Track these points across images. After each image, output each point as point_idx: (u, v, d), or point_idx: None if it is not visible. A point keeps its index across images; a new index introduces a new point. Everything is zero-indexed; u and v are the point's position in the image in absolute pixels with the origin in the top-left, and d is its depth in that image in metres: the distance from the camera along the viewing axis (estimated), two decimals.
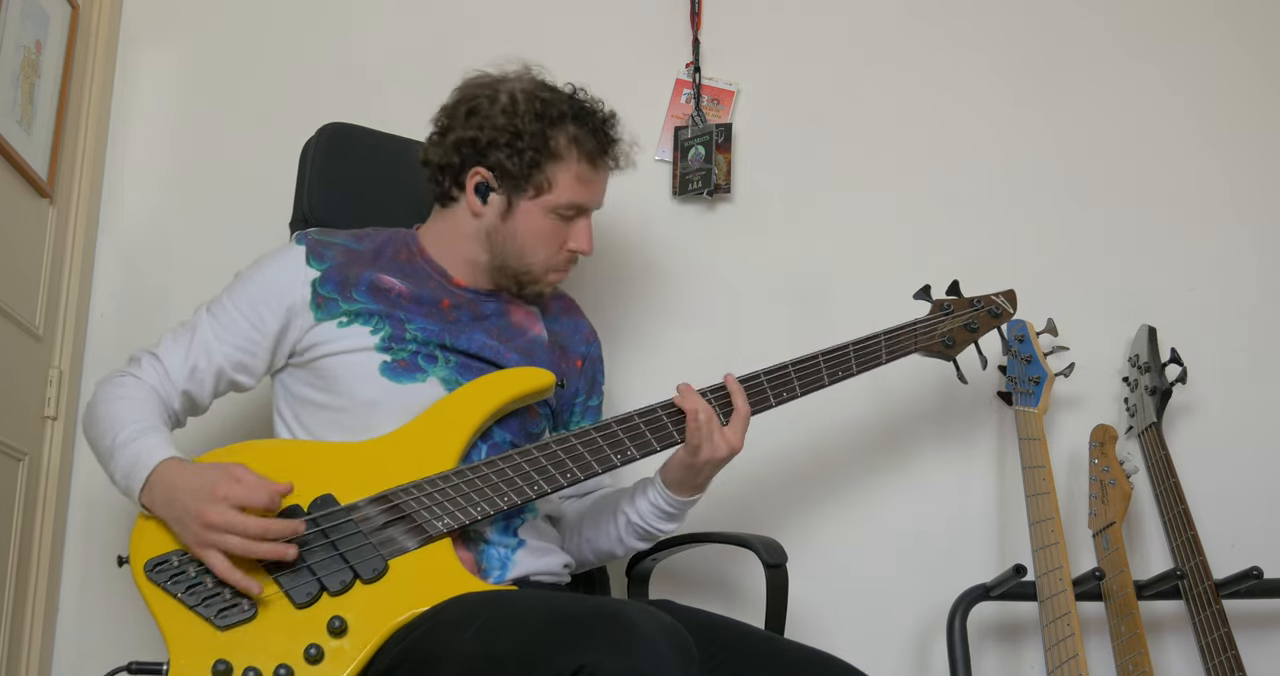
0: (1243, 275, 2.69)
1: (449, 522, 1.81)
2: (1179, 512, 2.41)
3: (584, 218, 2.07)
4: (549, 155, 2.00)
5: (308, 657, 1.66)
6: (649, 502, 2.02)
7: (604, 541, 2.08)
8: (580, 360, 2.19)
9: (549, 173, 2.01)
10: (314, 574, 1.73)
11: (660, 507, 2.02)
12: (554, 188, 2.01)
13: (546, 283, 2.09)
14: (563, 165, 2.01)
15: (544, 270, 2.07)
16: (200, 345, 1.97)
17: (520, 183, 2.00)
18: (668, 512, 2.03)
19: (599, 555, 2.10)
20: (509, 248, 2.03)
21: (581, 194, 2.04)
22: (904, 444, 2.60)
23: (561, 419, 2.16)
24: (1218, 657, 2.24)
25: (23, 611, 2.32)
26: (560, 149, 2.01)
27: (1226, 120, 2.77)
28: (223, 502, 1.69)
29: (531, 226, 2.03)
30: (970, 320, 2.25)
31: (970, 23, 2.78)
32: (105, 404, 1.89)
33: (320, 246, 2.03)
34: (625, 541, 2.06)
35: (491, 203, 2.02)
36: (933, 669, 2.49)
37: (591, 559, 2.12)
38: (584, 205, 2.06)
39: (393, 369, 1.96)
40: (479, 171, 2.02)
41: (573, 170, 2.02)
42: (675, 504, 2.01)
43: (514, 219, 2.02)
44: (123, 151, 2.63)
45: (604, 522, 2.07)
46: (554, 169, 2.01)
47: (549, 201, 2.02)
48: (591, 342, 2.23)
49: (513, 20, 2.70)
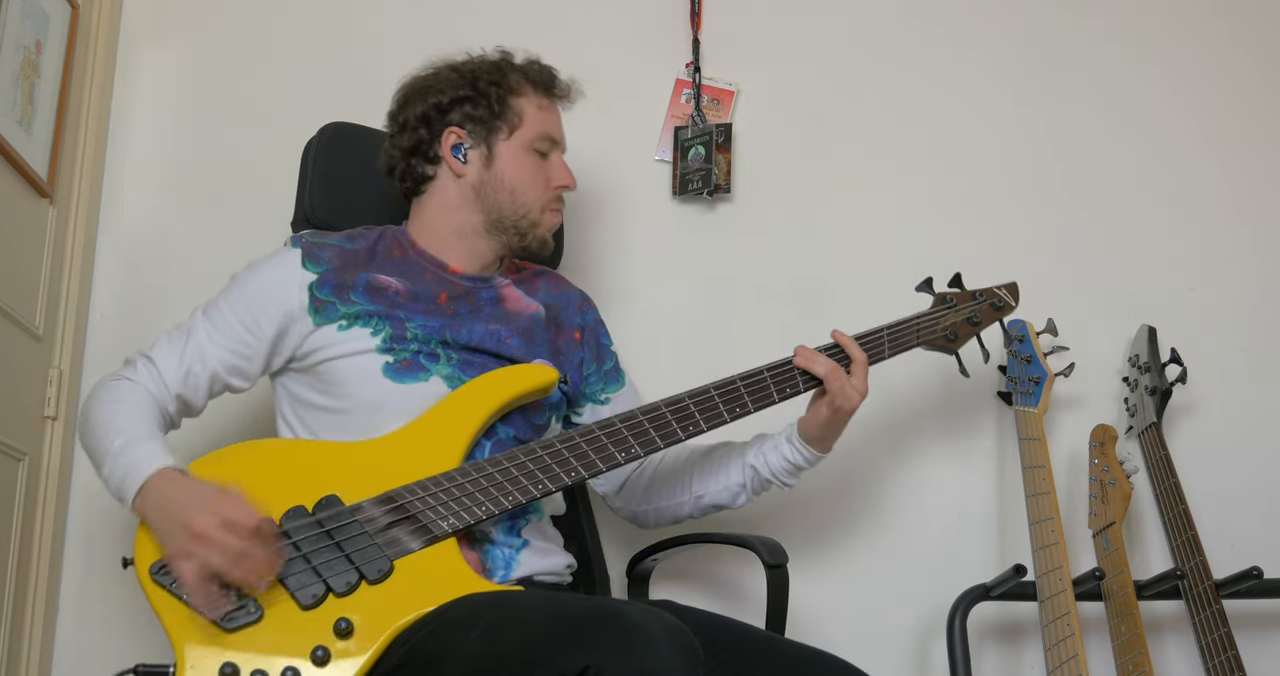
0: (1243, 275, 2.70)
1: (454, 522, 1.81)
2: (1179, 512, 2.42)
3: (557, 153, 2.14)
4: (509, 90, 2.09)
5: (314, 659, 1.66)
6: (783, 457, 2.11)
7: (719, 495, 2.15)
8: (578, 332, 2.19)
9: (515, 107, 2.09)
10: (319, 575, 1.73)
11: (795, 463, 2.10)
12: (524, 120, 2.09)
13: (546, 225, 2.12)
14: (524, 97, 2.10)
15: (540, 209, 2.10)
16: (195, 349, 1.96)
17: (493, 123, 2.08)
18: (799, 468, 2.11)
19: (701, 508, 2.18)
20: (500, 196, 2.07)
21: (548, 123, 2.12)
22: (904, 444, 2.61)
23: (585, 394, 2.18)
24: (1218, 657, 2.24)
25: (23, 612, 2.31)
26: (516, 83, 2.10)
27: (1226, 120, 2.77)
28: (213, 516, 1.68)
29: (515, 166, 2.08)
30: (973, 313, 2.25)
31: (970, 23, 2.79)
32: (100, 408, 1.89)
33: (316, 248, 2.03)
34: (742, 495, 2.15)
35: (471, 159, 2.08)
36: (933, 669, 2.50)
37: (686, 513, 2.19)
38: (553, 135, 2.12)
39: (395, 369, 1.95)
40: (452, 131, 2.08)
41: (534, 100, 2.11)
42: (811, 459, 2.10)
43: (497, 164, 2.08)
44: (123, 151, 2.63)
45: (722, 476, 2.15)
46: (518, 102, 2.09)
47: (523, 136, 2.09)
48: (586, 310, 2.24)
49: (513, 19, 2.70)
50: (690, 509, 2.19)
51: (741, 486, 2.14)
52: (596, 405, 2.19)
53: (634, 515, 2.24)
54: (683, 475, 2.18)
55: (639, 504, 2.22)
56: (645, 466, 2.21)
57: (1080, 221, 2.71)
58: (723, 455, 2.16)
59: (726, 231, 2.68)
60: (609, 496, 2.24)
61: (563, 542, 2.09)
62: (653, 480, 2.20)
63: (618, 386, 2.22)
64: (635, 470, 2.21)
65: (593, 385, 2.19)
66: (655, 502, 2.20)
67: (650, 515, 2.22)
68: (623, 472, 2.19)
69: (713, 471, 2.16)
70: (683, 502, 2.18)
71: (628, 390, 2.23)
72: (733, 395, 2.03)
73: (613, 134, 2.62)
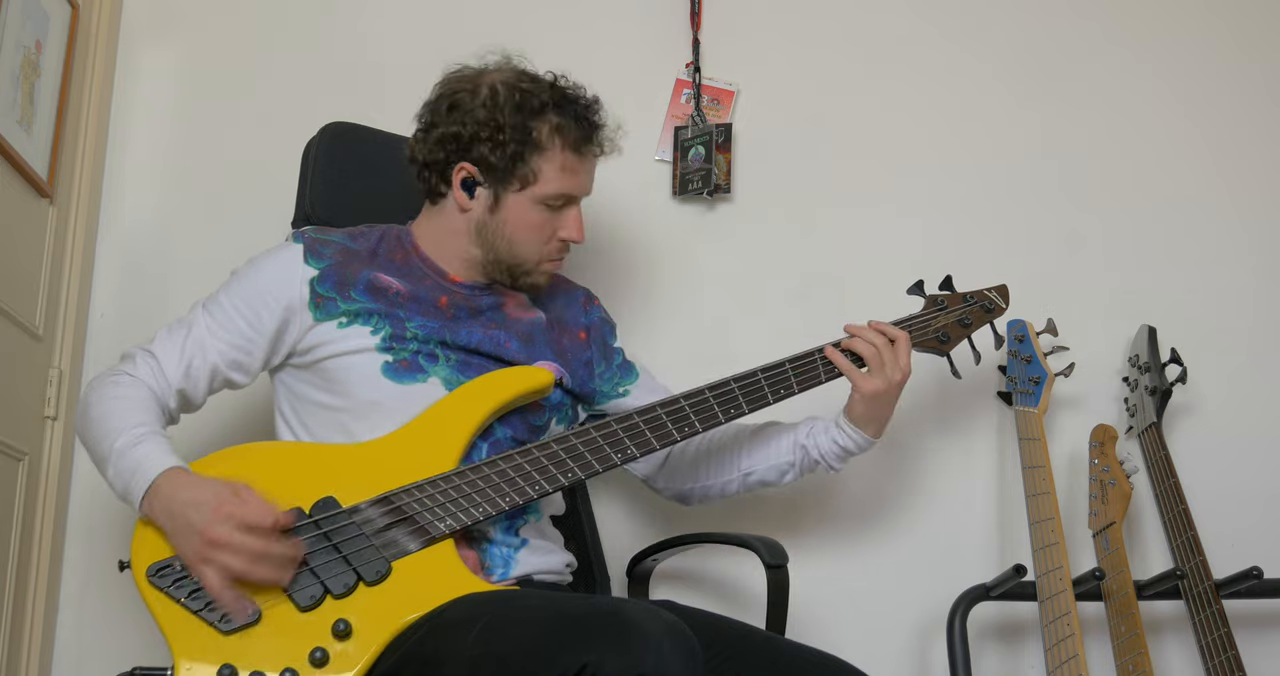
0: (1243, 275, 2.69)
1: (451, 524, 1.81)
2: (1179, 512, 2.42)
3: (573, 206, 2.06)
4: (532, 146, 1.99)
5: (313, 661, 1.66)
6: (832, 440, 2.13)
7: (768, 472, 2.17)
8: (583, 331, 2.18)
9: (533, 164, 2.00)
10: (317, 577, 1.73)
11: (845, 447, 2.13)
12: (539, 179, 2.01)
13: (540, 273, 2.08)
14: (547, 155, 2.00)
15: (537, 261, 2.06)
16: (195, 342, 1.96)
17: (505, 176, 2.00)
18: (848, 451, 2.13)
19: (748, 486, 2.20)
20: (499, 241, 2.03)
21: (568, 183, 2.03)
22: (904, 444, 2.60)
23: (599, 392, 2.17)
24: (1218, 657, 2.24)
25: (23, 612, 2.32)
26: (543, 139, 2.00)
27: (1225, 121, 2.76)
28: (228, 520, 1.68)
29: (520, 219, 2.02)
30: (964, 315, 2.26)
31: (970, 23, 2.78)
32: (100, 404, 1.88)
33: (318, 244, 2.03)
34: (790, 473, 2.17)
35: (478, 197, 2.02)
36: (933, 669, 2.50)
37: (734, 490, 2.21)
38: (571, 194, 2.05)
39: (394, 369, 1.95)
40: (464, 167, 2.01)
41: (557, 160, 2.01)
42: (862, 443, 2.13)
43: (502, 212, 2.02)
44: (123, 151, 2.63)
45: (773, 454, 2.16)
46: (538, 160, 2.00)
47: (535, 193, 2.01)
48: (590, 309, 2.23)
49: (513, 19, 2.69)
50: (738, 486, 2.20)
51: (791, 464, 2.16)
52: (618, 399, 2.19)
53: (679, 494, 2.24)
54: (730, 453, 2.19)
55: (684, 482, 2.22)
56: (689, 444, 2.21)
57: (1080, 221, 2.71)
58: (773, 433, 2.18)
59: (726, 231, 2.67)
60: (650, 477, 2.23)
61: (563, 542, 2.09)
62: (698, 457, 2.21)
63: (632, 379, 2.21)
64: (678, 448, 2.20)
65: (607, 382, 2.18)
66: (703, 480, 2.21)
67: (697, 492, 2.23)
68: (660, 454, 2.16)
69: (762, 449, 2.17)
70: (730, 480, 2.19)
71: (645, 380, 2.22)
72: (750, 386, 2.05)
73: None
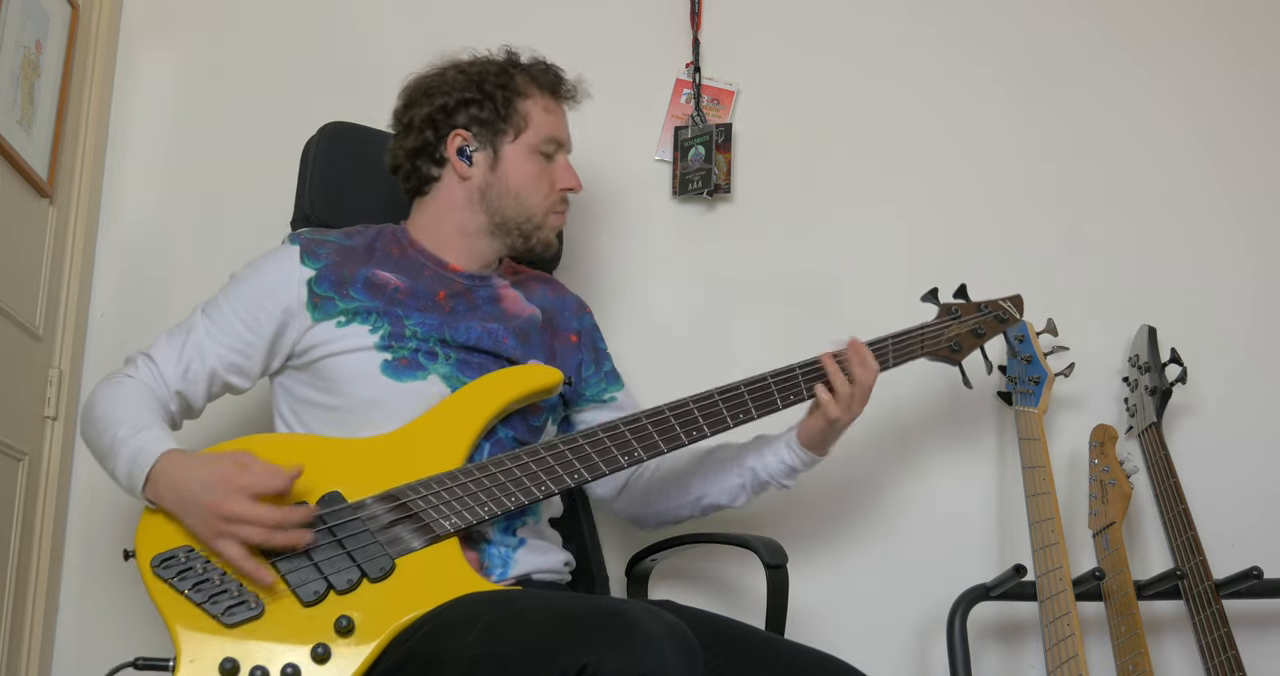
0: (1242, 275, 2.69)
1: (456, 522, 1.81)
2: (1179, 512, 2.42)
3: (562, 155, 2.14)
4: (515, 93, 2.09)
5: (314, 656, 1.66)
6: (780, 460, 2.11)
7: (719, 496, 2.15)
8: (574, 335, 2.19)
9: (521, 109, 2.08)
10: (321, 572, 1.73)
11: (792, 466, 2.11)
12: (530, 123, 2.09)
13: (550, 226, 2.12)
14: (530, 100, 2.10)
15: (544, 212, 2.11)
16: (194, 346, 1.97)
17: (499, 126, 2.08)
18: (796, 470, 2.12)
19: (702, 507, 2.18)
20: (505, 198, 2.08)
21: (554, 126, 2.11)
22: (904, 444, 2.61)
23: (584, 396, 2.18)
24: (1218, 657, 2.24)
25: (23, 611, 2.31)
26: (522, 85, 2.10)
27: (1224, 121, 2.77)
28: (239, 493, 1.70)
29: (520, 169, 2.08)
30: (977, 325, 2.25)
31: (970, 24, 2.79)
32: (102, 404, 1.89)
33: (314, 245, 2.03)
34: (741, 496, 2.15)
35: (476, 161, 2.08)
36: (933, 669, 2.50)
37: (687, 513, 2.20)
38: (559, 138, 2.12)
39: (394, 367, 1.95)
40: (458, 133, 2.08)
41: (540, 103, 2.10)
42: (809, 462, 2.11)
43: (502, 167, 2.08)
44: (123, 151, 2.63)
45: (721, 478, 2.15)
46: (524, 104, 2.09)
47: (529, 140, 2.08)
48: (582, 314, 2.24)
49: (512, 19, 2.70)
50: (691, 510, 2.19)
51: (741, 487, 2.14)
52: (600, 405, 2.19)
53: (634, 517, 2.24)
54: (683, 477, 2.18)
55: (639, 506, 2.22)
56: (645, 468, 2.21)
57: (1080, 221, 2.71)
58: (722, 457, 2.16)
59: (726, 231, 2.68)
60: (608, 499, 2.24)
61: (560, 541, 2.09)
62: (652, 482, 2.20)
63: (619, 386, 2.22)
64: (635, 472, 2.21)
65: (595, 386, 2.19)
66: (656, 505, 2.20)
67: (651, 517, 2.22)
68: (622, 475, 2.19)
69: (713, 473, 2.16)
70: (683, 504, 2.18)
71: (626, 392, 2.23)
72: (736, 400, 2.03)
73: (613, 134, 2.62)
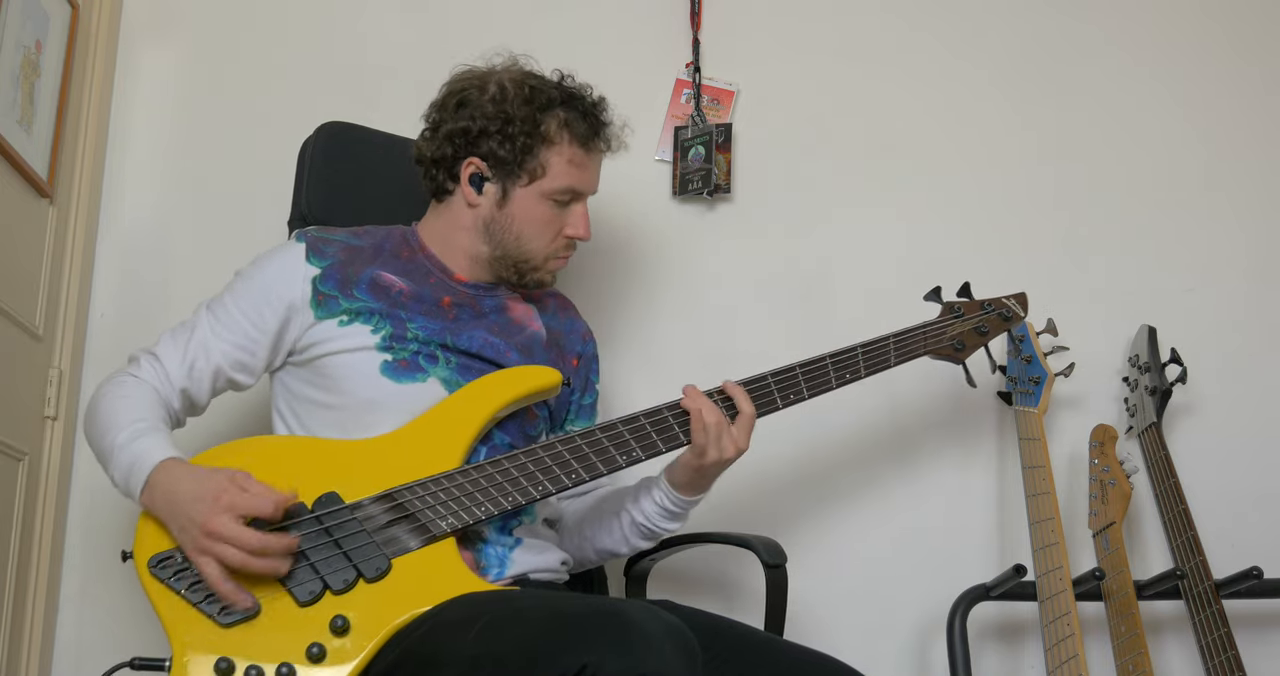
0: (1242, 275, 2.69)
1: (453, 522, 1.80)
2: (1179, 512, 2.41)
3: (580, 203, 2.08)
4: (540, 140, 2.01)
5: (310, 656, 1.66)
6: (654, 502, 2.02)
7: (607, 540, 2.08)
8: (576, 358, 2.18)
9: (542, 158, 2.02)
10: (317, 572, 1.73)
11: (665, 507, 2.02)
12: (548, 173, 2.02)
13: (547, 270, 2.09)
14: (555, 149, 2.02)
15: (544, 257, 2.07)
16: (199, 343, 1.96)
17: (514, 169, 2.01)
18: (672, 512, 2.02)
19: (601, 554, 2.10)
20: (507, 237, 2.04)
21: (575, 178, 2.04)
22: (904, 444, 2.60)
23: (558, 418, 2.15)
24: (1218, 657, 2.24)
25: (23, 611, 2.31)
26: (551, 133, 2.02)
27: (1223, 122, 2.77)
28: (228, 511, 1.68)
29: (528, 214, 2.03)
30: (981, 323, 2.24)
31: (970, 23, 2.79)
32: (104, 404, 1.89)
33: (321, 243, 2.03)
34: (629, 540, 2.06)
35: (487, 192, 2.03)
36: (933, 669, 2.49)
37: (593, 558, 2.11)
38: (578, 189, 2.06)
39: (393, 368, 1.95)
40: (472, 161, 2.03)
41: (565, 154, 2.03)
42: (680, 503, 2.01)
43: (510, 207, 2.03)
44: (123, 151, 2.63)
45: (607, 522, 2.07)
46: (546, 153, 2.02)
47: (543, 187, 2.03)
48: (587, 342, 2.23)
49: (513, 19, 2.70)
50: (590, 554, 2.11)
51: (624, 536, 2.05)
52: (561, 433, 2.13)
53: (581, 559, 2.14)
54: (575, 526, 2.13)
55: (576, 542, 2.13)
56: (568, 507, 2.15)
57: (1079, 221, 2.71)
58: (609, 503, 2.09)
59: (726, 231, 2.68)
60: None
61: (558, 541, 2.09)
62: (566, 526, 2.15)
63: (587, 424, 2.17)
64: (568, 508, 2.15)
65: (570, 412, 2.17)
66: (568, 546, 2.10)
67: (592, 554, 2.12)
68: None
69: (598, 520, 2.09)
70: (583, 547, 2.11)
71: None
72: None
73: None
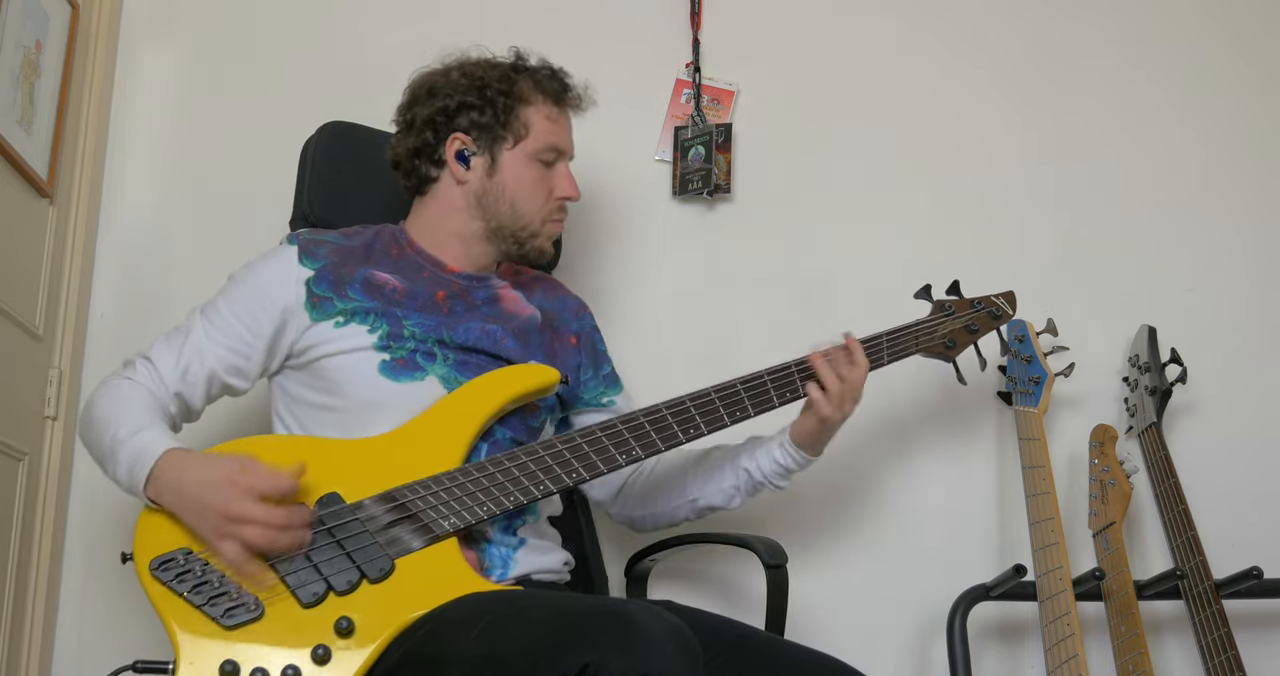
0: (1242, 275, 2.69)
1: (455, 522, 1.81)
2: (1179, 512, 2.42)
3: (563, 163, 2.12)
4: (518, 99, 2.07)
5: (315, 658, 1.66)
6: (774, 461, 2.09)
7: (714, 497, 2.14)
8: (574, 337, 2.19)
9: (523, 117, 2.06)
10: (320, 573, 1.73)
11: (786, 467, 2.09)
12: (530, 131, 2.07)
13: (546, 235, 2.11)
14: (532, 108, 2.07)
15: (540, 220, 2.09)
16: (193, 347, 1.96)
17: (498, 132, 2.06)
18: (790, 471, 2.10)
19: (700, 510, 2.17)
20: (501, 205, 2.06)
21: (556, 134, 2.09)
22: (904, 444, 2.61)
23: (581, 399, 2.17)
24: (1218, 657, 2.24)
25: (23, 611, 2.31)
26: (526, 92, 2.07)
27: (1222, 122, 2.77)
28: (246, 493, 1.69)
29: (518, 176, 2.06)
30: (971, 321, 2.25)
31: (970, 23, 2.79)
32: (100, 407, 1.89)
33: (312, 245, 2.03)
34: (737, 497, 2.14)
35: (474, 166, 2.06)
36: (933, 669, 2.50)
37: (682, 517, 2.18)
38: (560, 146, 2.10)
39: (392, 368, 1.95)
40: (456, 137, 2.06)
41: (542, 111, 2.08)
42: (803, 463, 2.09)
43: (500, 173, 2.06)
44: (123, 151, 2.63)
45: (716, 479, 2.14)
46: (526, 112, 2.07)
47: (528, 147, 2.07)
48: (582, 315, 2.24)
49: (513, 19, 2.70)
50: (687, 512, 2.18)
51: (736, 488, 2.13)
52: (598, 409, 2.18)
53: (631, 520, 2.24)
54: (678, 479, 2.17)
55: (636, 509, 2.21)
56: (641, 471, 2.20)
57: (1079, 221, 2.71)
58: (718, 458, 2.16)
59: (726, 231, 2.68)
60: (605, 502, 2.23)
61: (560, 541, 2.09)
62: (649, 485, 2.20)
63: (618, 390, 2.22)
64: (632, 475, 2.20)
65: (593, 389, 2.19)
66: (652, 507, 2.20)
67: (648, 520, 2.21)
68: (619, 478, 2.19)
69: (707, 475, 2.15)
70: (679, 507, 2.18)
71: (625, 395, 2.23)
72: (733, 398, 2.02)
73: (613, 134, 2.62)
